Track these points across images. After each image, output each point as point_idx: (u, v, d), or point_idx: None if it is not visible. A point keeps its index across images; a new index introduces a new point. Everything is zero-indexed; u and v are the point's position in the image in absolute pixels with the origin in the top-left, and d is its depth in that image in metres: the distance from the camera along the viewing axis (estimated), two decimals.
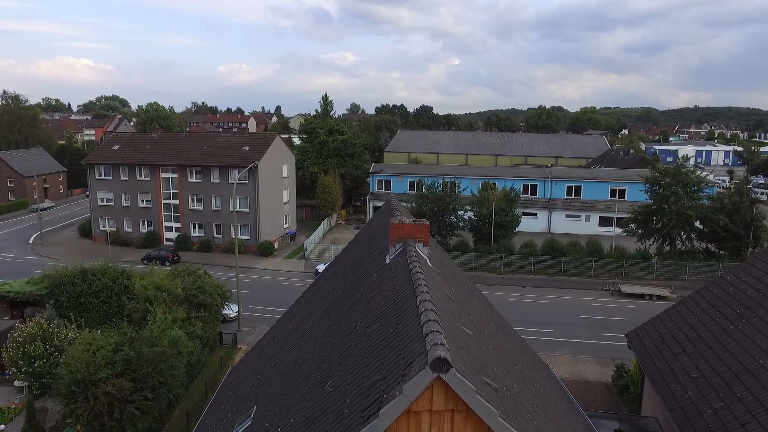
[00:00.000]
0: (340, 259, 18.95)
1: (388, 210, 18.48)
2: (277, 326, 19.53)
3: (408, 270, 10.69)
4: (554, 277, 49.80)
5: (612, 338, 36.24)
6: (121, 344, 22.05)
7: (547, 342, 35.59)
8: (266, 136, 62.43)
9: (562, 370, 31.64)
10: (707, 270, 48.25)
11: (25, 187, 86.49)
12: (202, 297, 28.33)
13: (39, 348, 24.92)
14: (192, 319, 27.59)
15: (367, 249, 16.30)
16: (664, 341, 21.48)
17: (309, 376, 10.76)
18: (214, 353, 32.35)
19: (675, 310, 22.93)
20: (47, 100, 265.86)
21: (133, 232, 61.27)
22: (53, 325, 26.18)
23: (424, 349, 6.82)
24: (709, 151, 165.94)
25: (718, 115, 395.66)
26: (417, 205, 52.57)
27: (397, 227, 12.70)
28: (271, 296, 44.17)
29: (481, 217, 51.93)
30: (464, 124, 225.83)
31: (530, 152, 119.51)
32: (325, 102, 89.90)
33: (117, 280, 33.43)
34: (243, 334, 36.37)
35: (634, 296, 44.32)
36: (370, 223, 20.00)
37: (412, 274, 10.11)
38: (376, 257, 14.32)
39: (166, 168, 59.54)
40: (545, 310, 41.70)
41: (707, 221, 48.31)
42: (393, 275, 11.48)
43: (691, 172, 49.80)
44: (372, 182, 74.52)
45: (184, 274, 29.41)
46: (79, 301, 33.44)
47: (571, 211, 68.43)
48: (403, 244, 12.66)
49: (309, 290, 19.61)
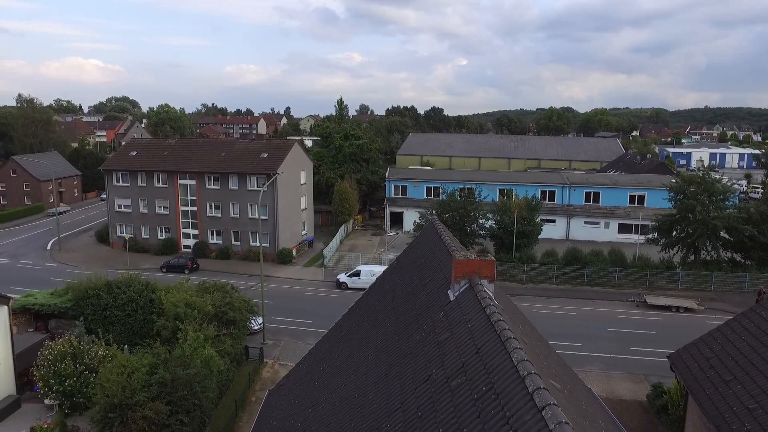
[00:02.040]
0: (384, 284, 18.47)
1: (433, 234, 18.00)
2: (318, 351, 19.06)
3: (485, 315, 10.24)
4: (577, 287, 49.17)
5: (641, 353, 35.72)
6: (155, 366, 21.72)
7: (576, 357, 34.97)
8: (285, 143, 62.11)
9: (596, 388, 31.00)
10: (733, 281, 47.53)
11: (41, 191, 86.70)
12: (232, 314, 27.99)
13: (69, 366, 24.64)
14: (222, 336, 27.23)
15: (418, 277, 15.83)
16: (711, 366, 20.90)
17: (380, 425, 10.32)
18: (240, 368, 31.99)
19: (720, 333, 22.35)
20: (59, 101, 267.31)
21: (151, 238, 61.14)
22: (83, 343, 25.89)
23: (545, 426, 6.39)
24: (724, 153, 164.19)
25: (729, 115, 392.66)
26: (437, 213, 52.06)
27: (462, 263, 12.26)
28: (293, 306, 43.82)
29: (503, 226, 51.37)
30: (474, 125, 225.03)
31: (543, 155, 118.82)
32: (340, 106, 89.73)
33: (142, 293, 33.16)
34: (268, 347, 36.02)
35: (661, 308, 43.63)
36: (412, 247, 19.43)
37: (493, 323, 9.66)
38: (433, 290, 13.87)
39: (184, 175, 59.37)
40: (571, 322, 41.13)
41: (733, 231, 47.56)
42: (464, 317, 11.02)
43: (717, 181, 49.04)
44: (388, 188, 74.10)
45: (213, 289, 29.07)
46: (104, 315, 33.19)
47: (590, 217, 67.76)
48: (469, 281, 12.22)
49: (351, 314, 19.13)
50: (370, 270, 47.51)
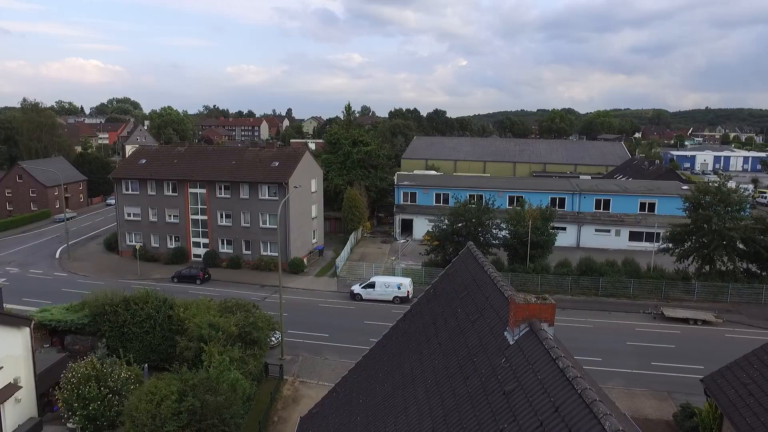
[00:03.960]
0: (423, 313, 18.08)
1: (473, 263, 17.64)
2: (353, 380, 18.64)
3: (557, 368, 9.93)
4: (592, 297, 48.85)
5: (662, 368, 35.40)
6: (184, 392, 21.39)
7: (597, 372, 34.54)
8: (295, 151, 61.70)
9: (620, 405, 30.55)
10: (750, 292, 47.23)
11: (47, 197, 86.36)
12: (256, 334, 27.63)
13: (93, 390, 24.31)
14: (246, 357, 26.90)
15: (464, 312, 15.49)
16: (750, 393, 20.62)
17: None
18: (261, 386, 31.64)
19: (756, 357, 22.08)
20: (61, 103, 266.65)
21: (161, 247, 60.79)
22: (106, 365, 25.55)
23: None
24: (728, 156, 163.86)
25: (730, 116, 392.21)
26: (450, 223, 51.78)
27: (522, 308, 11.95)
28: (308, 320, 43.46)
29: (517, 236, 51.03)
30: (477, 128, 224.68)
31: (548, 159, 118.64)
32: (348, 111, 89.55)
33: (160, 309, 32.87)
34: (286, 363, 35.59)
35: (678, 320, 43.32)
36: (450, 275, 19.01)
37: (570, 380, 9.34)
38: (485, 330, 13.54)
39: (194, 183, 59.02)
40: (589, 335, 40.79)
41: (750, 242, 47.26)
42: (531, 366, 10.70)
43: (734, 191, 48.72)
44: (397, 194, 73.71)
45: (235, 308, 28.72)
46: (122, 332, 32.92)
47: (601, 225, 67.45)
48: (529, 325, 11.90)
49: (387, 342, 18.74)
50: (384, 281, 47.19)
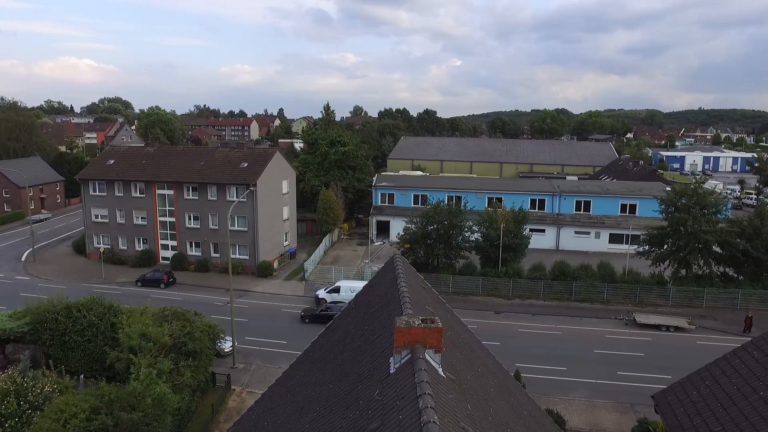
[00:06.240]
0: (338, 328, 16.77)
1: (392, 276, 16.26)
2: (271, 396, 17.22)
3: (416, 408, 8.58)
4: (565, 302, 47.59)
5: (629, 378, 34.15)
6: (97, 409, 19.99)
7: (560, 382, 33.48)
8: (266, 152, 60.29)
9: (578, 419, 29.57)
10: (726, 297, 46.06)
11: (20, 198, 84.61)
12: (192, 345, 26.21)
13: (12, 405, 22.84)
14: (180, 368, 25.51)
15: (369, 329, 14.16)
16: (698, 412, 19.32)
17: None
18: (205, 397, 30.28)
19: (708, 373, 20.78)
20: (50, 102, 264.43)
21: (128, 250, 59.28)
22: (27, 379, 24.11)
23: None
24: (717, 157, 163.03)
25: (723, 117, 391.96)
26: (422, 226, 50.41)
27: (403, 332, 10.59)
28: (268, 326, 42.10)
29: (489, 239, 49.73)
30: (468, 128, 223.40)
31: (536, 160, 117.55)
32: (327, 111, 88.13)
33: (104, 317, 31.55)
34: (237, 372, 34.34)
35: (650, 327, 42.09)
36: (371, 286, 17.72)
37: (422, 426, 7.99)
38: (378, 353, 12.22)
39: (162, 184, 57.54)
40: (557, 343, 39.51)
41: (726, 245, 46.05)
42: (398, 404, 9.36)
43: (710, 194, 47.50)
44: (375, 195, 72.33)
45: (172, 317, 27.28)
46: (63, 340, 31.61)
47: (581, 227, 66.24)
48: (411, 352, 10.56)
49: (305, 356, 17.41)
50: (349, 286, 45.79)
